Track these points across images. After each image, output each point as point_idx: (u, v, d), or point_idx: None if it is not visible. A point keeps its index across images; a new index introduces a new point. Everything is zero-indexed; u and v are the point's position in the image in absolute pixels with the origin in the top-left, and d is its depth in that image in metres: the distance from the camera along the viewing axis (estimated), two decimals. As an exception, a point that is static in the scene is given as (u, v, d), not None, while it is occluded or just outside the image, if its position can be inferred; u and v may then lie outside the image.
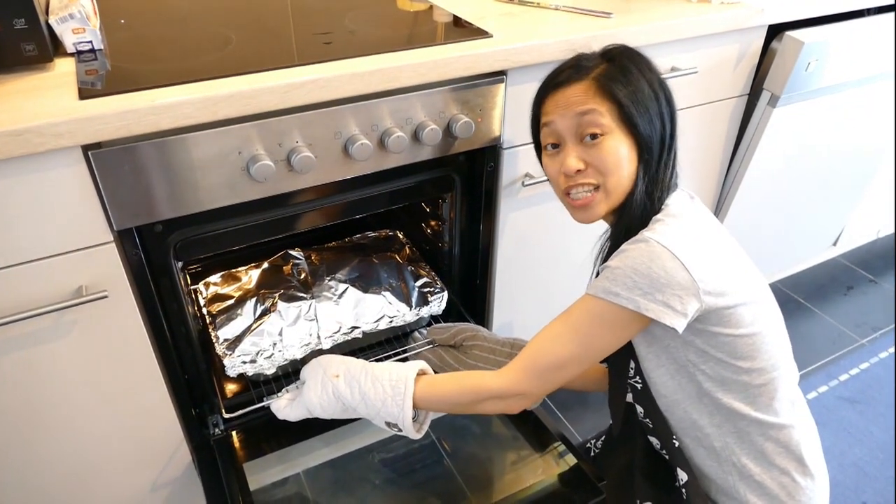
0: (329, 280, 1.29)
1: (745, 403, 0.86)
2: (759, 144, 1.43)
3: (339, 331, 1.20)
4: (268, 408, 1.01)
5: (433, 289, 1.31)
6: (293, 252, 1.37)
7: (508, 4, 1.23)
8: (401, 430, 0.90)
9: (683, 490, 0.90)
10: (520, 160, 1.17)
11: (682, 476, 0.91)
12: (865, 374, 1.83)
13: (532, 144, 0.95)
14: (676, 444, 0.91)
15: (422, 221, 1.43)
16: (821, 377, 1.82)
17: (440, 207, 1.30)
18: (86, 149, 0.80)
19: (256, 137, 0.89)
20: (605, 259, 0.87)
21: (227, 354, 1.12)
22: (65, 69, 0.89)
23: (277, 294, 1.24)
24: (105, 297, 0.87)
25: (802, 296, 2.13)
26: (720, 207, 1.60)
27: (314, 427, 1.06)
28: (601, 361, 1.05)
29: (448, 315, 1.32)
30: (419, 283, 1.32)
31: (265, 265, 1.34)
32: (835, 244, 2.07)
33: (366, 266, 1.33)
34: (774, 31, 1.33)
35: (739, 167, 1.50)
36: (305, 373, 0.98)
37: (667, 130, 0.85)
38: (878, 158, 1.77)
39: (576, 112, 0.83)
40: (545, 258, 1.36)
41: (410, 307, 1.26)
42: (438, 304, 1.29)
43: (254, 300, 1.23)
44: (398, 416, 0.88)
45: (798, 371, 0.92)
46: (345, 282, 1.28)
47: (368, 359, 1.18)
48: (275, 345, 1.15)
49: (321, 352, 1.17)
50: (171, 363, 1.04)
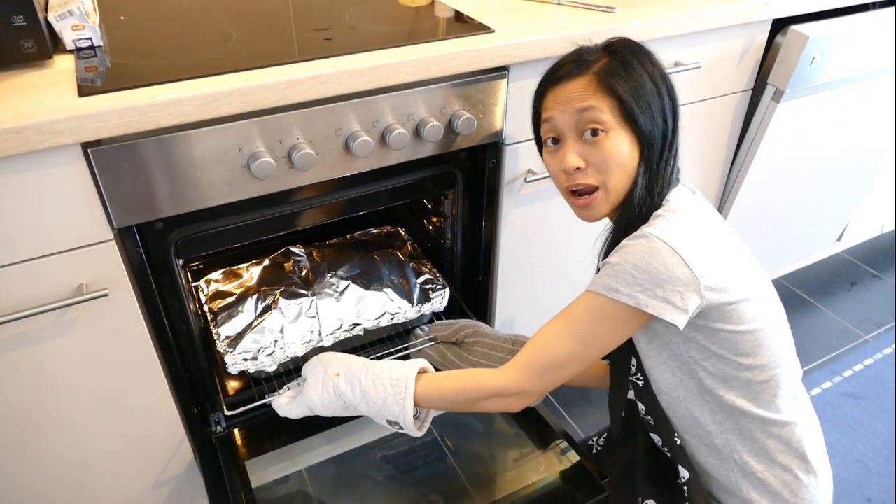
0: (330, 277, 1.28)
1: (748, 400, 0.85)
2: (763, 140, 1.42)
3: (341, 328, 1.20)
4: (269, 405, 1.01)
5: (435, 286, 1.31)
6: (294, 249, 1.37)
7: (510, -1, 1.23)
8: (402, 428, 0.90)
9: (685, 488, 0.90)
10: (522, 156, 1.17)
11: (684, 474, 0.90)
12: (869, 371, 1.82)
13: (533, 140, 0.95)
14: (678, 442, 0.91)
15: (423, 218, 1.43)
16: (824, 373, 1.81)
17: (442, 204, 1.29)
18: (85, 146, 0.79)
19: (257, 134, 0.88)
20: (606, 255, 0.87)
21: (229, 352, 1.12)
22: (64, 66, 0.89)
23: (279, 291, 1.24)
24: (106, 296, 0.87)
25: (806, 291, 2.13)
26: (724, 203, 1.59)
27: (316, 424, 1.06)
28: (603, 358, 1.05)
29: (450, 312, 1.31)
30: (421, 280, 1.31)
31: (266, 262, 1.34)
32: (839, 240, 2.06)
33: (367, 263, 1.33)
34: (779, 26, 1.32)
35: (743, 162, 1.49)
36: (306, 371, 0.98)
37: (669, 126, 0.84)
38: (883, 154, 1.76)
39: (576, 108, 0.82)
40: (547, 254, 1.36)
41: (412, 304, 1.26)
42: (440, 301, 1.29)
43: (255, 297, 1.23)
44: (399, 415, 0.88)
45: (801, 367, 0.92)
46: (346, 279, 1.28)
47: (370, 356, 1.18)
48: (276, 342, 1.15)
49: (322, 349, 1.17)
50: (173, 361, 1.04)
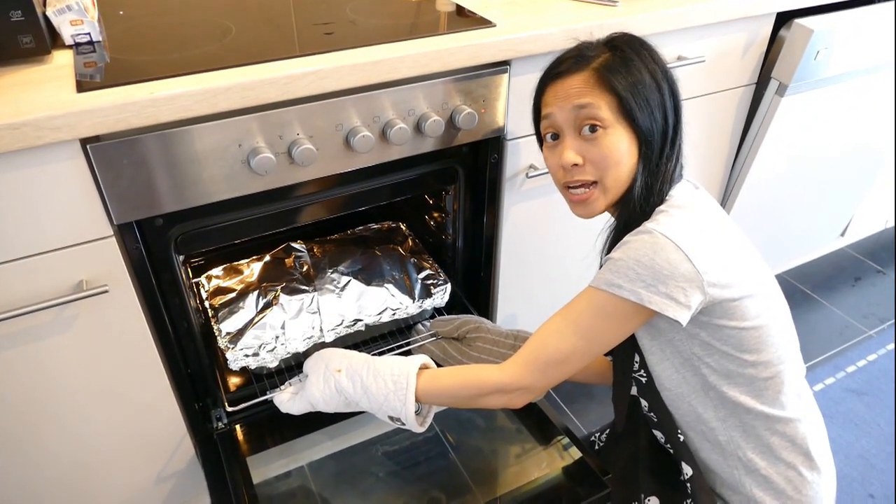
0: (331, 273, 1.28)
1: (751, 397, 0.85)
2: (767, 134, 1.41)
3: (342, 324, 1.20)
4: (271, 401, 1.01)
5: (436, 281, 1.30)
6: (295, 244, 1.37)
7: (512, -7, 1.22)
8: (404, 424, 0.90)
9: (688, 484, 0.90)
10: (524, 151, 1.16)
11: (687, 470, 0.90)
12: (873, 366, 1.81)
13: (534, 136, 0.94)
14: (681, 439, 0.91)
15: (425, 213, 1.42)
16: (828, 369, 1.81)
17: (443, 199, 1.29)
18: (84, 142, 0.79)
19: (257, 130, 0.88)
20: (609, 250, 0.86)
21: (230, 348, 1.12)
22: (63, 61, 0.89)
23: (280, 287, 1.24)
24: (106, 292, 0.86)
25: (809, 287, 2.12)
26: (727, 197, 1.58)
27: (317, 420, 1.06)
28: (606, 355, 1.05)
29: (452, 307, 1.31)
30: (422, 276, 1.31)
31: (267, 258, 1.34)
32: (843, 235, 2.05)
33: (368, 258, 1.33)
34: (783, 19, 1.31)
35: (747, 157, 1.48)
36: (308, 366, 0.98)
37: (669, 122, 0.83)
38: (887, 149, 1.75)
39: (574, 104, 0.82)
40: (549, 250, 1.36)
41: (413, 300, 1.26)
42: (441, 297, 1.28)
43: (256, 293, 1.23)
44: (401, 411, 0.88)
45: (804, 363, 0.91)
46: (347, 274, 1.27)
47: (371, 352, 1.18)
48: (277, 338, 1.15)
49: (324, 345, 1.17)
50: (174, 357, 1.04)
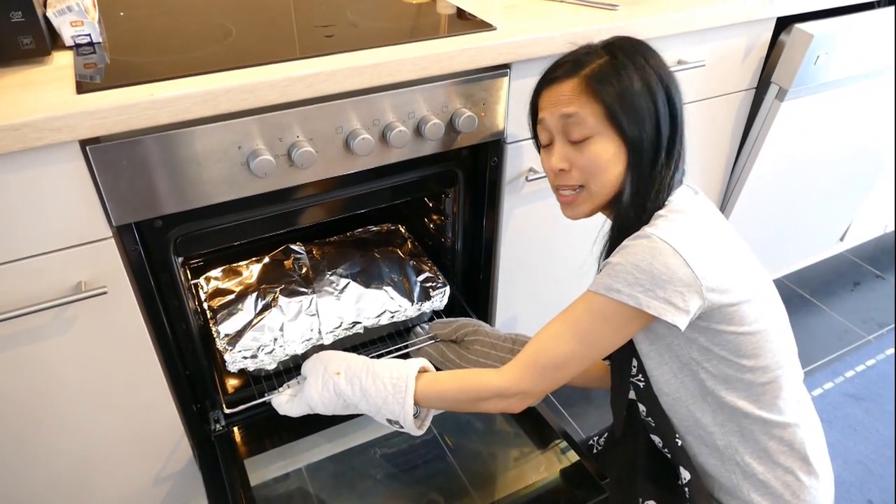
0: (330, 275, 1.28)
1: (749, 402, 0.85)
2: (767, 138, 1.42)
3: (341, 326, 1.20)
4: (269, 404, 1.01)
5: (435, 284, 1.30)
6: (294, 246, 1.37)
7: (513, -4, 1.22)
8: (402, 427, 0.90)
9: (686, 489, 0.90)
10: (524, 155, 1.16)
11: (685, 475, 0.90)
12: (871, 371, 1.81)
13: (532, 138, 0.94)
14: (679, 443, 0.91)
15: (424, 216, 1.42)
16: (826, 374, 1.81)
17: (443, 202, 1.29)
18: (84, 143, 0.79)
19: (257, 132, 0.88)
20: (607, 255, 0.86)
21: (228, 350, 1.12)
22: (63, 63, 0.89)
23: (278, 289, 1.24)
24: (104, 294, 0.86)
25: (808, 291, 2.12)
26: (726, 201, 1.59)
27: (315, 423, 1.06)
28: (604, 359, 1.04)
29: (451, 310, 1.31)
30: (421, 278, 1.31)
31: (266, 259, 1.34)
32: (842, 239, 2.05)
33: (367, 261, 1.33)
34: (783, 24, 1.31)
35: (746, 161, 1.48)
36: (306, 369, 0.97)
37: (663, 131, 0.82)
38: (887, 153, 1.75)
39: (561, 113, 0.83)
40: (549, 254, 1.36)
41: (412, 302, 1.26)
42: (440, 300, 1.28)
43: (255, 295, 1.23)
44: (399, 414, 0.87)
45: (803, 368, 0.91)
46: (346, 276, 1.27)
47: (370, 354, 1.18)
48: (276, 340, 1.15)
49: (322, 347, 1.17)
50: (172, 359, 1.03)
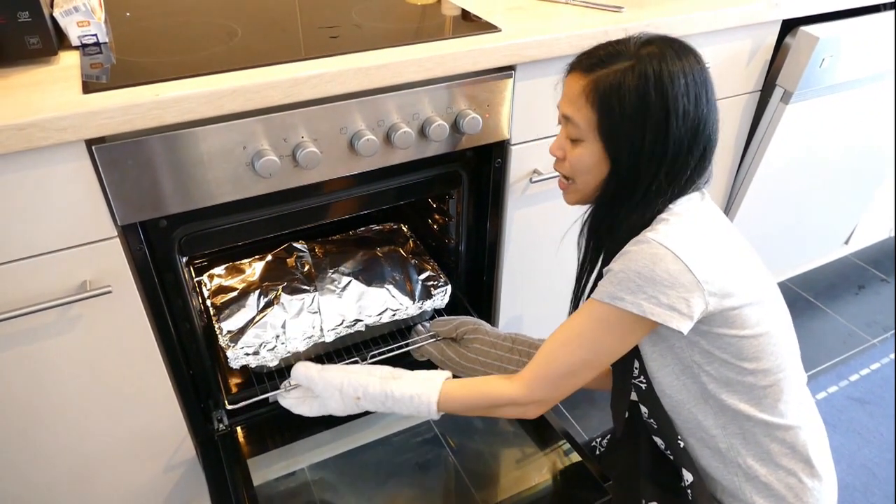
0: (332, 273, 1.28)
1: (751, 405, 0.85)
2: (772, 141, 1.41)
3: (342, 324, 1.20)
4: (270, 402, 1.01)
5: (437, 282, 1.30)
6: (297, 244, 1.37)
7: (518, -2, 1.22)
8: None
9: (689, 491, 0.90)
10: (528, 156, 1.16)
11: (688, 477, 0.90)
12: (876, 375, 1.81)
13: (541, 139, 0.95)
14: (681, 445, 0.91)
15: (428, 217, 1.42)
16: (831, 377, 1.80)
17: (447, 203, 1.29)
18: (90, 143, 0.79)
19: (261, 132, 0.88)
20: (597, 256, 0.88)
21: (231, 346, 1.12)
22: (69, 63, 0.89)
23: (281, 286, 1.24)
24: (109, 293, 0.87)
25: (813, 294, 2.11)
26: (731, 204, 1.58)
27: (319, 423, 1.06)
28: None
29: (453, 309, 1.31)
30: (423, 277, 1.31)
31: (269, 257, 1.34)
32: (846, 242, 2.04)
33: (369, 259, 1.33)
34: (788, 27, 1.31)
35: (751, 164, 1.48)
36: (302, 382, 0.99)
37: (657, 154, 0.78)
38: (892, 157, 1.75)
39: (562, 112, 0.84)
40: (553, 255, 1.35)
41: (413, 301, 1.26)
42: (441, 298, 1.28)
43: (257, 292, 1.23)
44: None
45: (807, 372, 0.91)
46: (348, 275, 1.28)
47: (371, 352, 1.18)
48: (277, 337, 1.15)
49: (324, 345, 1.17)
50: (176, 358, 1.04)
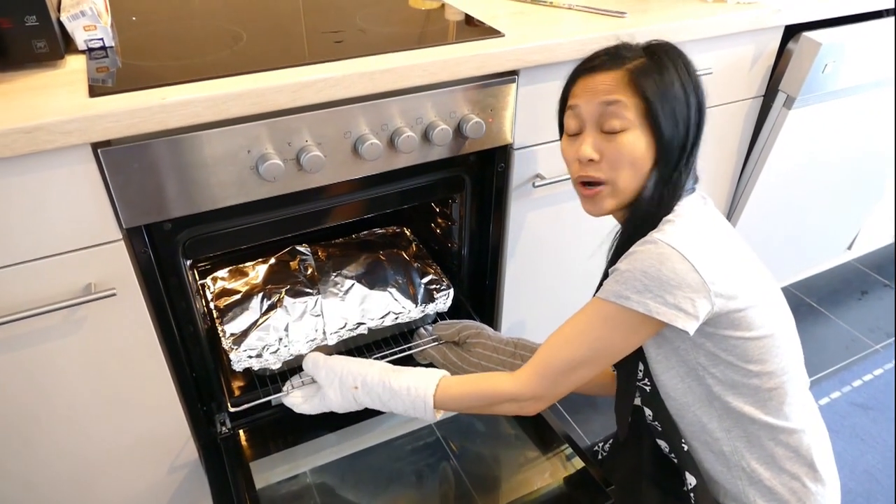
0: (335, 276, 1.28)
1: (755, 407, 0.85)
2: (774, 146, 1.41)
3: (345, 327, 1.20)
4: (273, 404, 1.01)
5: (439, 286, 1.31)
6: (300, 248, 1.37)
7: (521, 3, 1.22)
8: None
9: (692, 494, 0.90)
10: (531, 161, 1.16)
11: (691, 480, 0.90)
12: (878, 380, 1.80)
13: (544, 144, 0.94)
14: (685, 448, 0.91)
15: (431, 220, 1.43)
16: (833, 383, 1.80)
17: (450, 207, 1.29)
18: (95, 146, 0.80)
19: (266, 136, 0.89)
20: (614, 260, 0.87)
21: (234, 349, 1.13)
22: (76, 66, 0.90)
23: (284, 289, 1.24)
24: (113, 295, 0.87)
25: (816, 300, 2.11)
26: (733, 209, 1.58)
27: (321, 426, 1.07)
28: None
29: (456, 313, 1.31)
30: (425, 281, 1.31)
31: (272, 260, 1.34)
32: (849, 248, 2.04)
33: (372, 263, 1.33)
34: (791, 32, 1.31)
35: (754, 169, 1.48)
36: (313, 373, 0.99)
37: (690, 137, 0.82)
38: (894, 162, 1.75)
39: (601, 100, 0.81)
40: (556, 259, 1.36)
41: (416, 304, 1.26)
42: (444, 302, 1.28)
43: (260, 295, 1.23)
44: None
45: (808, 376, 0.91)
46: (351, 278, 1.28)
47: (373, 356, 1.18)
48: (280, 340, 1.15)
49: (326, 348, 1.17)
50: (179, 360, 1.04)
